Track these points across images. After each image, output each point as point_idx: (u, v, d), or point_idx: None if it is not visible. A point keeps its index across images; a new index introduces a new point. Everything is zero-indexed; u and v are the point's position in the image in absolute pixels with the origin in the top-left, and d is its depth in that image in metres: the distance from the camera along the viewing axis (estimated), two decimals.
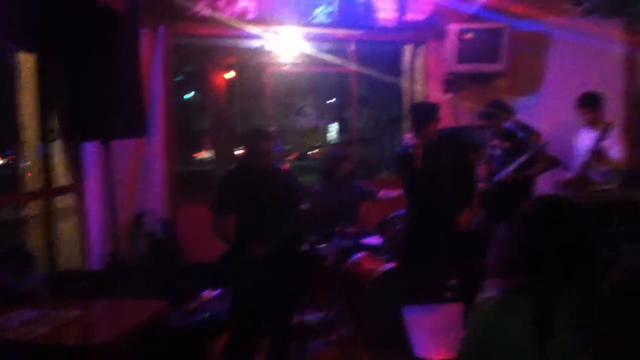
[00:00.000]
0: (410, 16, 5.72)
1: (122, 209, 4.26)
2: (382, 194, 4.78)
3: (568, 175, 4.50)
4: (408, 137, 5.52)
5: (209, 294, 3.93)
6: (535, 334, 1.51)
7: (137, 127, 3.33)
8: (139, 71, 3.34)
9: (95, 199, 3.98)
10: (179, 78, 7.71)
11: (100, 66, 2.99)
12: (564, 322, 1.50)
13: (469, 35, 5.62)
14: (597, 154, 4.30)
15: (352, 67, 6.01)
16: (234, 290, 3.60)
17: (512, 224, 1.70)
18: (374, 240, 4.65)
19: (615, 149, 4.37)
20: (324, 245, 4.44)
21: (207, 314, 3.66)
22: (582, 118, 4.58)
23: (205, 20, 5.02)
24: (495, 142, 4.62)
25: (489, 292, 1.65)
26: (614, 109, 5.06)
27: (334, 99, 8.94)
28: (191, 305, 3.71)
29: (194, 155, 8.37)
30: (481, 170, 4.72)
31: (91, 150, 3.96)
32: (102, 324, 2.57)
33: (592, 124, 4.52)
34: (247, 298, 3.39)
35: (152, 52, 4.83)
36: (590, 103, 4.51)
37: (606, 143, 4.31)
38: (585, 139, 4.55)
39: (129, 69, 3.23)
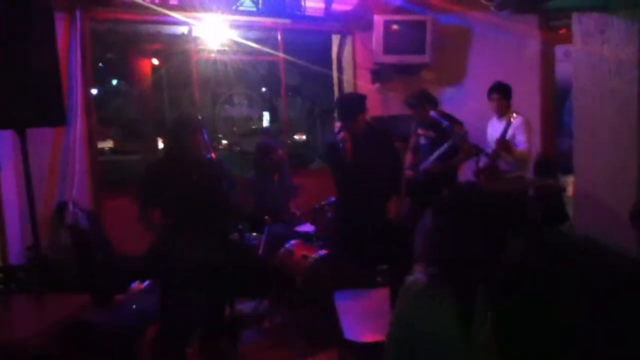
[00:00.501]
0: (337, 6, 5.77)
1: (41, 201, 4.08)
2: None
3: (481, 164, 4.70)
4: (338, 126, 5.58)
5: (137, 286, 3.83)
6: (458, 320, 1.58)
7: (53, 115, 3.17)
8: (55, 57, 3.18)
9: (12, 191, 3.78)
10: (101, 65, 7.41)
11: (8, 52, 2.83)
12: (481, 308, 1.58)
13: (394, 27, 5.74)
14: (502, 145, 4.50)
15: (280, 56, 6.00)
16: (162, 283, 3.52)
17: (433, 213, 1.77)
18: (307, 227, 4.69)
19: (519, 139, 4.58)
20: (254, 234, 4.44)
21: (135, 307, 3.56)
22: (491, 106, 4.75)
23: (125, 5, 4.85)
24: (421, 131, 4.75)
25: (416, 276, 1.72)
26: (531, 101, 5.34)
27: (264, 88, 8.88)
28: (117, 299, 3.60)
29: None
30: (407, 159, 4.85)
31: (5, 139, 3.74)
32: (22, 320, 2.46)
33: (501, 113, 4.71)
34: (176, 290, 3.33)
35: (70, 38, 4.61)
36: (498, 90, 4.68)
37: (510, 133, 4.54)
38: (494, 129, 4.76)
39: (43, 55, 3.07)
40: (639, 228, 1.81)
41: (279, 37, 5.93)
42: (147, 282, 3.86)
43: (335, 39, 6.36)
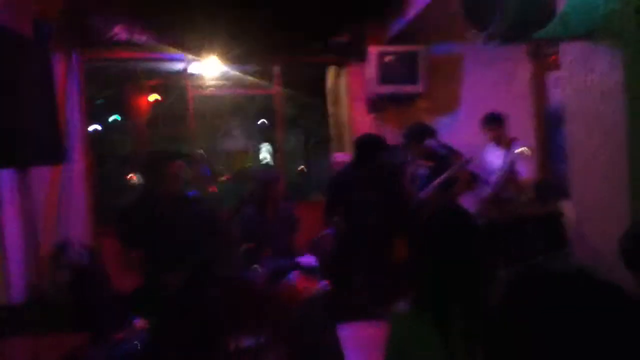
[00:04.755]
0: (332, 38, 5.87)
1: (42, 239, 4.08)
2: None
3: (486, 192, 4.70)
4: (336, 157, 5.59)
5: (140, 323, 3.78)
6: (440, 343, 1.61)
7: (54, 153, 3.22)
8: (53, 97, 3.24)
9: (13, 229, 3.79)
10: (100, 101, 7.49)
11: (9, 92, 2.89)
12: (459, 334, 1.60)
13: (388, 58, 5.83)
14: (509, 176, 4.50)
15: (277, 89, 6.07)
16: (150, 324, 3.42)
17: (414, 241, 1.82)
18: (308, 259, 4.67)
19: (521, 165, 4.61)
20: (255, 268, 4.42)
21: (136, 344, 3.52)
22: (487, 136, 4.80)
23: (121, 44, 4.94)
24: (420, 161, 4.77)
25: (401, 304, 1.75)
26: (525, 127, 5.38)
27: (261, 121, 8.95)
28: (117, 337, 3.56)
29: None
30: None
31: (6, 178, 3.77)
32: None
33: (498, 141, 4.75)
34: (164, 331, 3.23)
35: (67, 78, 4.68)
36: (493, 122, 4.73)
37: (511, 160, 4.56)
38: (494, 157, 4.79)
39: (42, 95, 3.14)
40: (628, 264, 1.80)
41: (275, 70, 6.02)
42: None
43: (331, 70, 6.45)
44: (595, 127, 2.26)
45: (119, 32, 4.88)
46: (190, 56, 5.37)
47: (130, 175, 7.44)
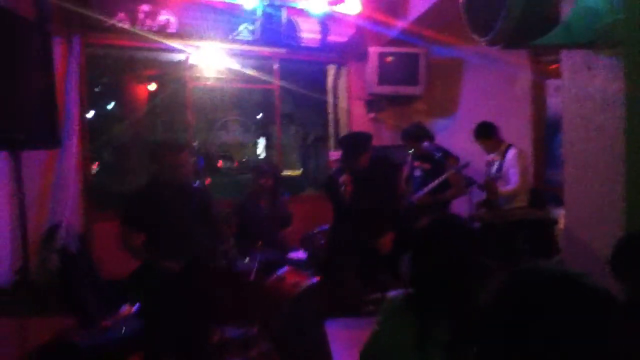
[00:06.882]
0: (333, 37, 5.87)
1: (32, 223, 4.06)
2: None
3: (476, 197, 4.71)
4: (333, 155, 5.60)
5: (127, 310, 3.78)
6: (416, 343, 1.64)
7: (49, 138, 3.20)
8: (51, 81, 3.22)
9: (3, 212, 3.76)
10: (97, 89, 7.46)
11: (6, 74, 2.86)
12: (440, 336, 1.62)
13: (388, 59, 5.83)
14: (486, 187, 4.47)
15: (276, 84, 6.07)
16: (145, 308, 3.46)
17: (403, 242, 1.85)
18: (299, 254, 4.68)
19: (512, 172, 4.57)
20: (245, 260, 4.42)
21: (123, 331, 3.52)
22: (480, 147, 4.82)
23: (123, 31, 4.91)
24: (416, 163, 4.77)
25: (398, 292, 1.78)
26: (522, 133, 5.39)
27: (259, 115, 8.94)
28: (104, 323, 3.55)
29: None
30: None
31: None
32: (5, 343, 2.43)
33: (491, 150, 4.74)
34: (159, 316, 3.26)
35: (67, 62, 4.65)
36: (482, 134, 4.71)
37: (505, 167, 4.56)
38: (490, 164, 4.80)
39: (40, 78, 3.11)
40: (615, 273, 1.82)
41: (275, 66, 6.01)
42: (137, 306, 3.82)
43: (331, 69, 6.46)
44: (593, 136, 2.27)
45: (122, 18, 4.86)
46: (191, 47, 5.35)
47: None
